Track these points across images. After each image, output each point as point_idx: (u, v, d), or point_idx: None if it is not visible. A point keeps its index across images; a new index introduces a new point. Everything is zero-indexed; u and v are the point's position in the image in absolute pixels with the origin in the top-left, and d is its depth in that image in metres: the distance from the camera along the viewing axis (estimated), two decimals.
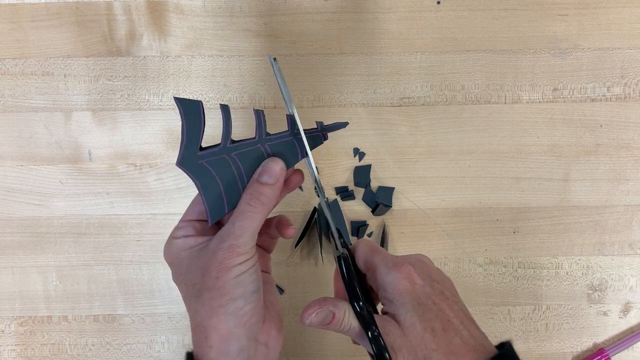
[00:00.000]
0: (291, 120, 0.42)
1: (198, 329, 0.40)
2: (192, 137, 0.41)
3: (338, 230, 0.43)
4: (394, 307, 0.40)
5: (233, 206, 0.42)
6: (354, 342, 0.42)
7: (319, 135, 0.44)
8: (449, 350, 0.39)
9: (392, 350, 0.38)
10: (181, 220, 0.44)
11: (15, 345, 0.65)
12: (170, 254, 0.43)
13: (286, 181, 0.43)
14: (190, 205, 0.44)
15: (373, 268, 0.42)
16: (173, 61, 0.63)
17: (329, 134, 0.44)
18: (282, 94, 0.42)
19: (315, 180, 0.43)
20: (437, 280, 0.42)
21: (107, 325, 0.65)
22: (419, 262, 0.42)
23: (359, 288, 0.41)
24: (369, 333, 0.39)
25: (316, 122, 0.44)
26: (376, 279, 0.42)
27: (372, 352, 0.39)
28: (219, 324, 0.39)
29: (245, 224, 0.40)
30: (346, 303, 0.41)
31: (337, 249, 0.43)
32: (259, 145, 0.42)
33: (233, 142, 0.42)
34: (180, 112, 0.41)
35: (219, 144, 0.42)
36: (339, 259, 0.42)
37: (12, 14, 0.62)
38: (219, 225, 0.44)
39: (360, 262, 0.44)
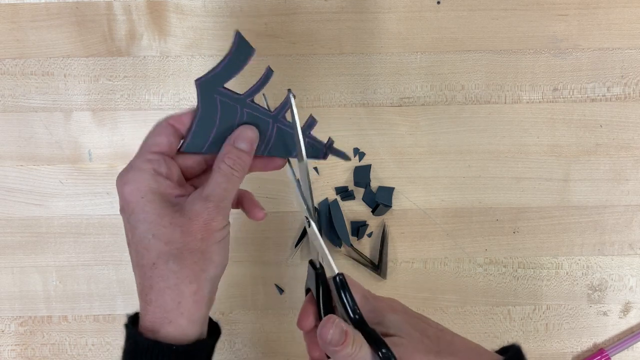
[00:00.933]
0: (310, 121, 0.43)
1: (169, 291, 0.37)
2: (225, 72, 0.41)
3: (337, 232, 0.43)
4: (382, 327, 0.39)
5: (210, 151, 0.41)
6: None
7: (322, 149, 0.44)
8: (453, 350, 0.39)
9: None
10: (150, 152, 0.40)
11: (15, 345, 0.65)
12: (136, 189, 0.38)
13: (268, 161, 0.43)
14: (156, 132, 0.40)
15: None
16: (173, 61, 0.63)
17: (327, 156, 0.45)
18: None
19: (304, 200, 0.42)
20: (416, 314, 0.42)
21: (107, 325, 0.65)
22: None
23: (358, 310, 0.39)
24: (381, 350, 0.36)
25: (329, 137, 0.44)
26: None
27: None
28: (199, 290, 0.38)
29: (230, 188, 0.39)
30: (346, 323, 0.38)
31: (329, 270, 0.40)
32: (270, 120, 0.42)
33: (253, 101, 0.42)
34: (232, 45, 0.40)
35: (241, 94, 0.42)
36: (340, 281, 0.39)
37: (12, 14, 0.62)
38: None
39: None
